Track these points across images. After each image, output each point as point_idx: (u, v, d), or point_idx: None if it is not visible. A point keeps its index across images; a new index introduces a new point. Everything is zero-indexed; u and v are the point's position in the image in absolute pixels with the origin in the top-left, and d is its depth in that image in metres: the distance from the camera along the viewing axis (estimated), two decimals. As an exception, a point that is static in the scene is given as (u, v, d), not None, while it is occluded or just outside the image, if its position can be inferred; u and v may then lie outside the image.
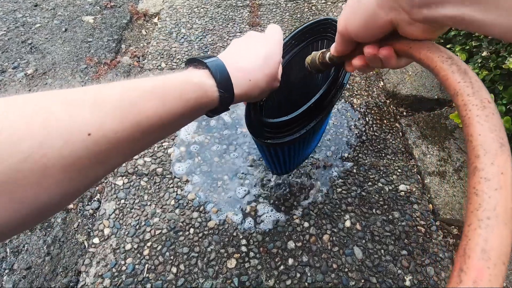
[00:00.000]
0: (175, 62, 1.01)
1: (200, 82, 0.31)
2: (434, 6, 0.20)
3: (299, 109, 0.43)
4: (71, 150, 0.22)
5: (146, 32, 1.18)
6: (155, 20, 1.21)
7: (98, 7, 1.24)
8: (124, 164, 0.77)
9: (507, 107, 0.64)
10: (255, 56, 0.37)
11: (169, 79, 0.29)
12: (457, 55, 0.80)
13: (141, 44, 1.13)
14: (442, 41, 0.84)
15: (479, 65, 0.73)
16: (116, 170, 0.76)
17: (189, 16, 1.16)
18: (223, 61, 0.33)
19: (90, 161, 0.23)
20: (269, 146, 0.48)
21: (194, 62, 0.34)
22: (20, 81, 0.97)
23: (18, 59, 1.03)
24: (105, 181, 0.76)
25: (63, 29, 1.14)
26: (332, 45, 0.34)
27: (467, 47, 0.77)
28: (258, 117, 0.45)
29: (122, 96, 0.25)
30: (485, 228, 0.13)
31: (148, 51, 1.05)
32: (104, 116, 0.24)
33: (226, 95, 0.33)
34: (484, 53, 0.70)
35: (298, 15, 1.16)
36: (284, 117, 0.43)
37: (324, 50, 0.39)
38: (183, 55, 1.03)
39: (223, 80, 0.32)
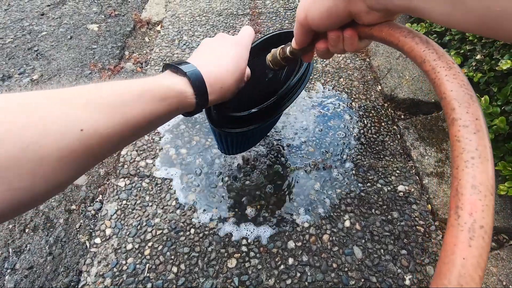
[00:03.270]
0: (177, 68, 1.03)
1: (181, 90, 0.35)
2: None
3: (253, 109, 0.48)
4: (67, 143, 0.24)
5: (149, 39, 1.21)
6: (158, 28, 1.25)
7: (103, 16, 1.28)
8: (126, 166, 0.79)
9: (502, 108, 0.65)
10: (226, 64, 0.41)
11: (155, 84, 0.33)
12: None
13: (144, 51, 1.15)
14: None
15: (474, 68, 0.74)
16: (118, 171, 0.78)
17: (191, 24, 1.20)
18: (200, 70, 0.38)
19: (83, 153, 0.26)
20: (222, 133, 0.53)
21: (173, 68, 0.38)
22: (26, 86, 1.00)
23: (24, 65, 1.06)
24: (107, 183, 0.77)
25: (69, 37, 1.17)
26: (292, 39, 0.36)
27: (462, 51, 0.79)
28: (217, 108, 0.50)
29: (113, 97, 0.28)
30: (471, 167, 0.14)
31: (150, 57, 1.08)
32: (96, 114, 0.26)
33: (201, 101, 0.38)
34: (478, 56, 0.72)
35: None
36: (240, 113, 0.49)
37: (283, 45, 0.41)
38: (185, 61, 1.05)
39: (200, 89, 0.37)
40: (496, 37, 0.18)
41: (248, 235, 0.67)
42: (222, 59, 0.41)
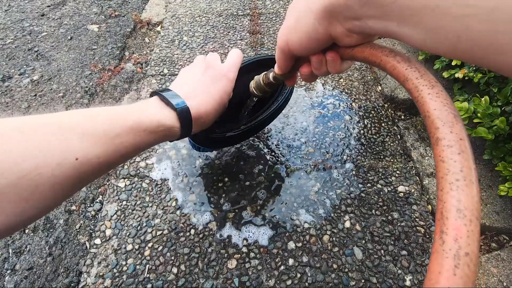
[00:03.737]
0: (177, 68, 1.03)
1: (171, 125, 0.38)
2: (363, 20, 0.22)
3: (229, 132, 0.51)
4: (62, 171, 0.26)
5: (149, 40, 1.21)
6: (158, 28, 1.25)
7: (103, 16, 1.28)
8: (126, 167, 0.78)
9: (502, 108, 0.65)
10: (211, 100, 0.43)
11: (146, 118, 0.36)
12: (452, 59, 0.82)
13: (144, 52, 1.15)
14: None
15: (474, 68, 0.74)
16: (118, 172, 0.78)
17: (191, 25, 1.20)
18: (187, 103, 0.40)
19: (75, 180, 0.28)
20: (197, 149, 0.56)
21: (162, 97, 0.40)
22: (26, 86, 1.00)
23: (25, 66, 1.06)
24: (107, 183, 0.77)
25: (69, 37, 1.18)
26: (275, 65, 0.37)
27: (462, 52, 0.79)
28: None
29: (108, 128, 0.31)
30: (456, 190, 0.14)
31: (151, 58, 1.08)
32: (91, 145, 0.29)
33: (185, 133, 0.41)
34: (478, 57, 0.72)
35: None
36: (216, 134, 0.52)
37: (266, 72, 0.41)
38: (185, 61, 1.05)
39: (186, 124, 0.40)
40: (469, 62, 0.19)
41: (248, 236, 0.67)
42: (206, 94, 0.44)
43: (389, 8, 0.20)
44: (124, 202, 0.72)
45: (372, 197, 0.73)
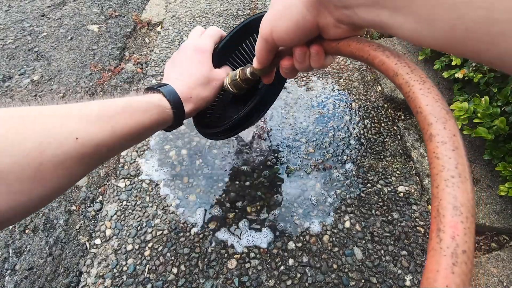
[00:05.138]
0: (177, 69, 1.03)
1: (159, 103, 0.40)
2: (353, 8, 0.21)
3: (217, 129, 0.51)
4: (63, 150, 0.27)
5: (149, 40, 1.21)
6: (158, 28, 1.25)
7: (103, 17, 1.28)
8: (126, 167, 0.78)
9: (502, 108, 0.65)
10: (190, 74, 0.46)
11: (136, 100, 0.37)
12: (453, 59, 0.82)
13: (144, 52, 1.16)
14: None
15: (474, 68, 0.75)
16: (118, 172, 0.78)
17: (191, 25, 1.20)
18: (174, 87, 0.43)
19: (77, 161, 0.29)
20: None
21: (150, 89, 0.43)
22: (26, 87, 1.00)
23: (25, 66, 1.06)
24: (107, 183, 0.77)
25: (69, 38, 1.18)
26: (254, 59, 0.35)
27: (462, 52, 0.79)
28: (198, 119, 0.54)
29: (102, 112, 0.32)
30: (451, 187, 0.14)
31: (151, 58, 1.08)
32: (89, 125, 0.30)
33: (178, 112, 0.42)
34: (478, 57, 0.72)
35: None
36: (212, 129, 0.52)
37: (242, 67, 0.41)
38: (185, 61, 1.05)
39: (175, 102, 0.42)
40: (459, 55, 0.18)
41: (248, 235, 0.67)
42: (186, 70, 0.46)
43: None
44: (124, 202, 0.72)
45: (372, 197, 0.73)
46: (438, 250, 0.13)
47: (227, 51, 0.54)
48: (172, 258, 0.64)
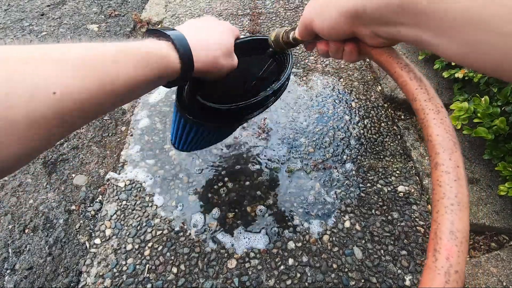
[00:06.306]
0: (177, 68, 1.03)
1: (164, 54, 0.32)
2: (395, 26, 0.22)
3: (234, 104, 0.45)
4: (36, 107, 0.21)
5: (149, 39, 1.21)
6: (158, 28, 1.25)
7: (103, 16, 1.28)
8: (126, 166, 0.78)
9: (502, 108, 0.65)
10: (212, 35, 0.39)
11: (133, 47, 0.29)
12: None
13: (144, 51, 1.15)
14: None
15: (474, 68, 0.74)
16: (118, 172, 0.78)
17: (191, 24, 1.19)
18: (184, 35, 0.34)
19: (55, 120, 0.23)
20: (188, 122, 0.49)
21: (155, 33, 0.34)
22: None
23: (24, 66, 1.06)
24: (107, 183, 0.77)
25: (69, 37, 1.17)
26: (297, 27, 0.36)
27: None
28: (193, 94, 0.46)
29: (86, 56, 0.25)
30: (450, 213, 0.16)
31: (151, 57, 1.08)
32: (69, 73, 0.23)
33: (186, 67, 0.34)
34: (478, 57, 0.72)
35: (297, 24, 1.19)
36: (222, 105, 0.45)
37: (288, 29, 0.41)
38: (185, 61, 1.05)
39: (185, 53, 0.34)
40: (508, 80, 0.18)
41: (248, 235, 0.67)
42: (208, 31, 0.39)
43: (425, 18, 0.19)
44: (124, 202, 0.72)
45: (372, 197, 0.73)
46: (433, 268, 0.15)
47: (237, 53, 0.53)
48: (172, 257, 0.64)
